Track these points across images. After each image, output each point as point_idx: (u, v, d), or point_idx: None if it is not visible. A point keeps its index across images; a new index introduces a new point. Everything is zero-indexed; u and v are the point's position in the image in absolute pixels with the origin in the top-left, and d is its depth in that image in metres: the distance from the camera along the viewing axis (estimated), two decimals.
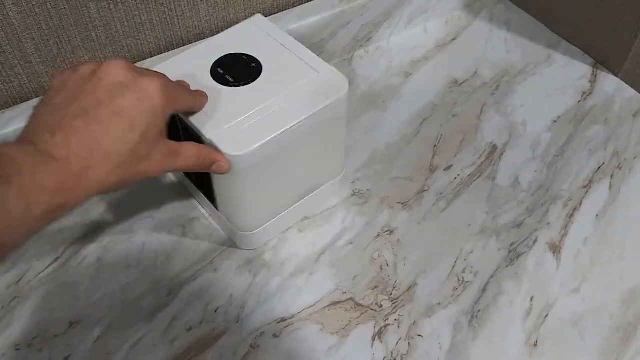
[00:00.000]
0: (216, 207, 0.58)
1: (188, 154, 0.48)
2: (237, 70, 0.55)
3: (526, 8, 0.84)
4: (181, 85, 0.50)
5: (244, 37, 0.58)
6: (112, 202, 0.63)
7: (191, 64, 0.55)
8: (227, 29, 0.70)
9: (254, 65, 0.55)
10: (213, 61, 0.55)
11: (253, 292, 0.57)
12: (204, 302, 0.56)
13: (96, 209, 0.62)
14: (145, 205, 0.63)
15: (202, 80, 0.54)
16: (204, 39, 0.69)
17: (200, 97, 0.52)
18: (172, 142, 0.47)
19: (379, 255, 0.60)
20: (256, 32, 0.58)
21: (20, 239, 0.38)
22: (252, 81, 0.54)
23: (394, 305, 0.56)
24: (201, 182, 0.58)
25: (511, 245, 0.61)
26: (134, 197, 0.63)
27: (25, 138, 0.41)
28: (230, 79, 0.54)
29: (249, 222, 0.57)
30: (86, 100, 0.42)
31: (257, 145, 0.50)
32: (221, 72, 0.54)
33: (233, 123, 0.51)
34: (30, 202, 0.38)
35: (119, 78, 0.43)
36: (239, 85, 0.54)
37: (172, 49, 0.68)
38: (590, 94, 0.75)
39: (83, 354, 0.53)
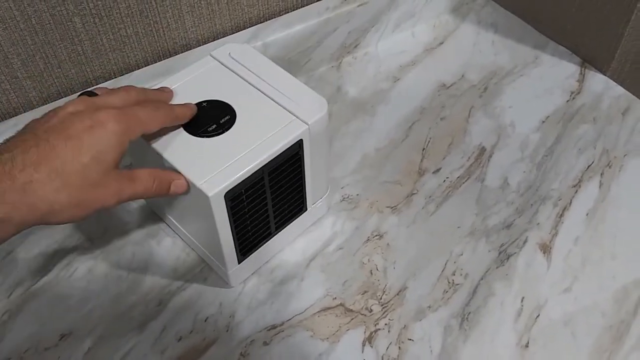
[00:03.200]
0: (306, 206, 0.59)
1: (144, 178, 0.47)
2: (211, 117, 0.53)
3: (513, 10, 0.85)
4: (145, 107, 0.48)
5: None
6: (102, 215, 0.63)
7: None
8: (213, 39, 0.71)
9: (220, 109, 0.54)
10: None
11: (243, 300, 0.57)
12: (193, 311, 0.56)
13: (86, 221, 0.62)
14: (134, 217, 0.63)
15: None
16: (190, 49, 0.70)
17: (181, 107, 0.51)
18: (125, 170, 0.47)
19: (368, 260, 0.60)
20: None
21: None
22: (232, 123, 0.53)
23: (384, 310, 0.56)
24: (285, 206, 0.57)
25: (501, 246, 0.61)
26: (123, 209, 0.64)
27: None
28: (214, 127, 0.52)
29: (326, 184, 0.61)
30: (38, 127, 0.43)
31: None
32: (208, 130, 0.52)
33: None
34: None
35: (72, 109, 0.44)
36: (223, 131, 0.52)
37: (158, 61, 0.69)
38: (578, 93, 0.75)
39: None
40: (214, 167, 0.49)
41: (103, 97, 0.48)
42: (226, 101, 0.54)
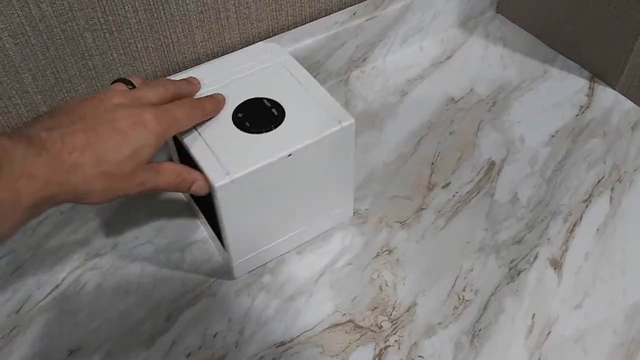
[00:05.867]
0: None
1: (168, 172, 0.50)
2: (261, 111, 0.56)
3: (522, 24, 0.85)
4: (182, 106, 0.51)
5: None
6: (111, 229, 0.63)
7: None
8: (222, 54, 0.71)
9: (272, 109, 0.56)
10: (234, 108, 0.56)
11: (252, 316, 0.56)
12: (202, 327, 0.56)
13: (95, 236, 0.63)
14: (143, 231, 0.63)
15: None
16: (200, 64, 0.70)
17: (211, 103, 0.54)
18: (153, 162, 0.49)
19: (378, 276, 0.59)
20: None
21: (6, 232, 0.39)
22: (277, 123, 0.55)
23: (394, 326, 0.56)
24: None
25: (511, 262, 0.60)
26: (133, 223, 0.63)
27: (21, 133, 0.42)
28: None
29: None
30: (87, 113, 0.46)
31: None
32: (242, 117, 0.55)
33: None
34: (21, 191, 0.39)
35: (117, 101, 0.47)
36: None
37: (169, 75, 0.69)
38: (587, 107, 0.75)
39: None
40: (322, 116, 0.55)
41: (142, 90, 0.50)
42: (250, 97, 0.56)
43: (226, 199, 0.51)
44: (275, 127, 0.54)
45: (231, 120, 0.55)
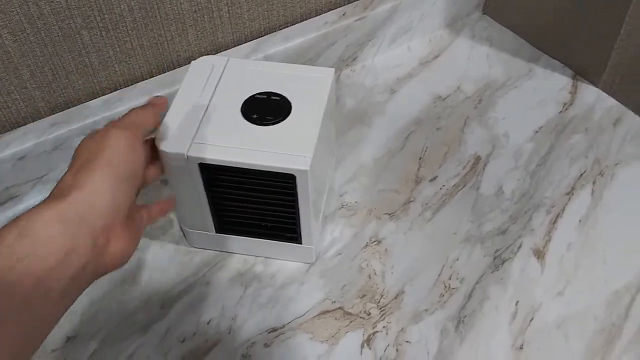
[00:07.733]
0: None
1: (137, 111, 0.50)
2: (268, 107, 0.57)
3: (507, 25, 0.87)
4: (131, 111, 0.50)
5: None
6: None
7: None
8: (215, 52, 0.73)
9: (276, 98, 0.57)
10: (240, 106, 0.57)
11: (244, 304, 0.58)
12: (196, 314, 0.57)
13: None
14: None
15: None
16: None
17: (155, 107, 0.52)
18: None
19: (367, 265, 0.61)
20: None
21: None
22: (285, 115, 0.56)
23: (382, 313, 0.58)
24: None
25: (496, 251, 0.62)
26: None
27: None
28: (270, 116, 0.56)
29: None
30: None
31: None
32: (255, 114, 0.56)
33: None
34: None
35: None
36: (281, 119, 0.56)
37: (163, 73, 0.71)
38: (571, 104, 0.77)
39: None
40: (313, 79, 0.59)
41: None
42: (243, 100, 0.57)
43: (312, 179, 0.53)
44: (291, 108, 0.56)
45: (251, 124, 0.55)
